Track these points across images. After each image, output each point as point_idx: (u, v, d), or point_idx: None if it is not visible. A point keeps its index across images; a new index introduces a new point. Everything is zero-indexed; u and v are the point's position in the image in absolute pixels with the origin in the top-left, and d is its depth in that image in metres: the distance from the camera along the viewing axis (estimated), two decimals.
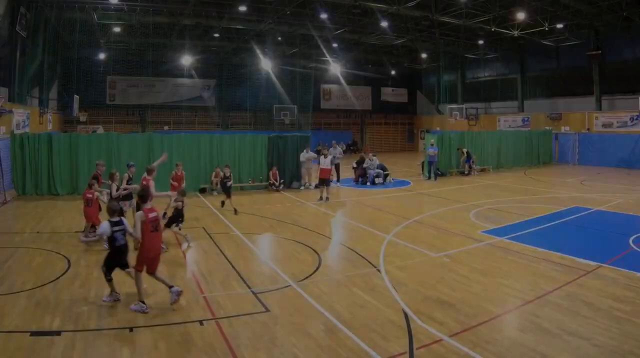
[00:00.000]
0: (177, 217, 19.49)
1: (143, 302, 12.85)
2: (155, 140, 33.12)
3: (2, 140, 30.70)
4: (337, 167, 37.99)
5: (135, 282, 13.00)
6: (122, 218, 13.28)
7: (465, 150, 43.76)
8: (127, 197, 20.96)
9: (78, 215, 24.24)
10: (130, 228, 13.10)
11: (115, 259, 13.15)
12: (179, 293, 12.94)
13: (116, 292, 13.15)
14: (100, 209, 20.00)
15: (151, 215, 13.18)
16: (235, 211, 25.66)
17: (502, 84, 67.30)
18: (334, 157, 35.82)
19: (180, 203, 19.55)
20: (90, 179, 20.79)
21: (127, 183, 21.32)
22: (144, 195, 13.74)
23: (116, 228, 12.96)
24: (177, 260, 17.89)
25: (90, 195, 19.38)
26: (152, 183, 19.12)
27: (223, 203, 27.03)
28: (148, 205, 13.38)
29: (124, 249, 13.25)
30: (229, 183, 26.12)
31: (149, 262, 13.08)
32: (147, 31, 52.90)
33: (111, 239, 12.93)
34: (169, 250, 18.82)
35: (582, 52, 54.04)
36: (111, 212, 13.16)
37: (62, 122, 60.44)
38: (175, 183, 24.81)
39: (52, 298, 13.43)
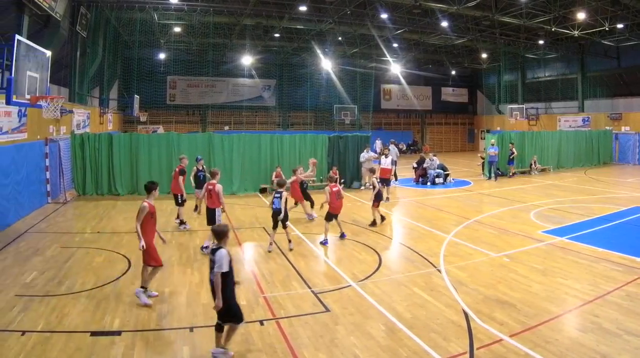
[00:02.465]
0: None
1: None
2: (215, 140, 33.17)
3: (63, 140, 30.98)
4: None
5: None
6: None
7: (514, 149, 43.03)
8: (198, 186, 24.19)
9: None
10: None
11: None
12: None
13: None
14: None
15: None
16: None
17: (563, 84, 66.30)
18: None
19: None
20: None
21: (195, 175, 24.82)
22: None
23: None
24: (237, 259, 18.07)
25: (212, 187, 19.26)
26: (218, 187, 19.12)
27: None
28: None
29: None
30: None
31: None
32: (207, 31, 53.17)
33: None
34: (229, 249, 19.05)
35: None
36: None
37: (123, 122, 61.43)
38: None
39: (112, 298, 13.64)
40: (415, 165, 40.10)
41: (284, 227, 19.16)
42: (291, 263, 17.15)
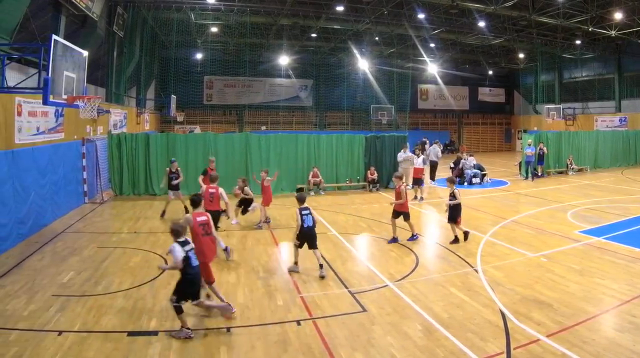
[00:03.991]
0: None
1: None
2: (252, 140, 33.16)
3: (100, 140, 31.28)
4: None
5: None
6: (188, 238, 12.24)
7: (544, 147, 42.38)
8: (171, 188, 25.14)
9: (175, 215, 24.68)
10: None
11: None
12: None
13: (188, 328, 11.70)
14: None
15: (200, 218, 13.24)
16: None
17: (599, 84, 65.62)
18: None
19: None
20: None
21: (167, 178, 25.46)
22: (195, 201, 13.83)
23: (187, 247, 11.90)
24: (274, 258, 18.18)
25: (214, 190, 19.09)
26: (221, 190, 19.07)
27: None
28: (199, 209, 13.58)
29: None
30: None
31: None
32: (244, 31, 53.22)
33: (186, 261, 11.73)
34: (268, 249, 19.10)
35: None
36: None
37: (159, 122, 62.07)
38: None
39: (149, 298, 13.76)
40: (452, 165, 40.05)
41: (315, 247, 16.51)
42: (328, 264, 17.14)
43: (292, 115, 71.28)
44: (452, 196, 20.14)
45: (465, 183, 37.44)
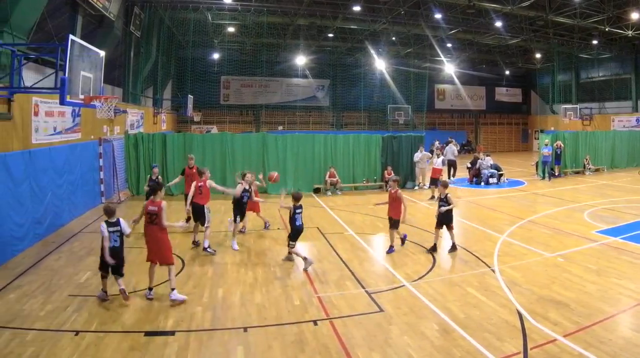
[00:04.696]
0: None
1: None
2: (269, 140, 33.06)
3: (116, 140, 31.18)
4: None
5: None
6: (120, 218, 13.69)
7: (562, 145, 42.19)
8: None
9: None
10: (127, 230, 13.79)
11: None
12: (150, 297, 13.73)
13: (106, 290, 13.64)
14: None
15: (150, 208, 13.74)
16: None
17: (616, 84, 65.14)
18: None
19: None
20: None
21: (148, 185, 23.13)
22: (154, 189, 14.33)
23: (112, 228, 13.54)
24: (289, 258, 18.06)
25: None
26: (210, 183, 19.24)
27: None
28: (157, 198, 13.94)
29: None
30: None
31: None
32: (261, 31, 53.20)
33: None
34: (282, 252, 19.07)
35: None
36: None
37: (176, 122, 62.13)
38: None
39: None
40: (469, 165, 40.00)
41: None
42: (345, 264, 17.13)
43: (309, 115, 71.28)
44: (444, 201, 19.17)
45: (482, 184, 37.32)
